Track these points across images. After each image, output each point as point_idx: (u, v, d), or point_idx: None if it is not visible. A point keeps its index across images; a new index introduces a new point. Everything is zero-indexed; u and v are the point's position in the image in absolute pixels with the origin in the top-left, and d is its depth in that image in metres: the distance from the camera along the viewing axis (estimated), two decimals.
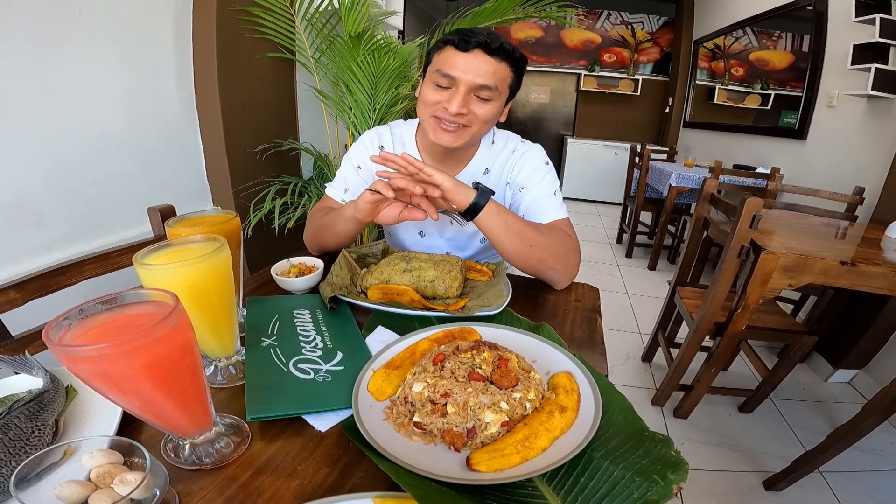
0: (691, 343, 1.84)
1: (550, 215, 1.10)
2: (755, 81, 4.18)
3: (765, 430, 2.04)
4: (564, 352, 0.74)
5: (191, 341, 0.47)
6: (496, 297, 0.92)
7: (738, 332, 1.66)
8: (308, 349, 0.76)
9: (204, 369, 0.52)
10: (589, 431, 0.57)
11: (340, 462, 0.57)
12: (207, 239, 0.63)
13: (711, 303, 1.67)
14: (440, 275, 0.96)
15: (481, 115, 0.98)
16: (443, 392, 0.59)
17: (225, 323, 0.65)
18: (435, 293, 0.96)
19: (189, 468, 0.55)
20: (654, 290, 3.54)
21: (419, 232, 1.27)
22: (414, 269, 0.97)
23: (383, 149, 1.18)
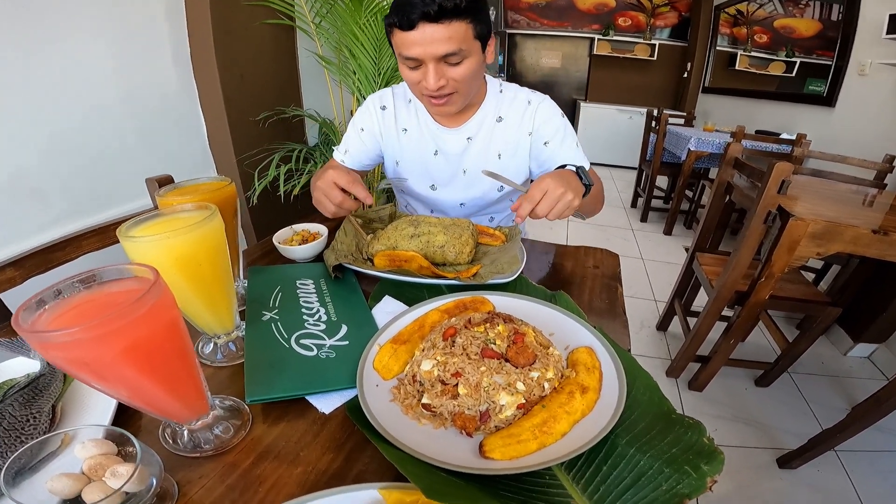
0: (710, 312, 1.78)
1: (578, 162, 1.10)
2: (780, 49, 4.05)
3: (781, 405, 1.99)
4: (584, 324, 0.69)
5: (176, 320, 0.43)
6: (510, 263, 0.87)
7: (760, 302, 1.59)
8: (311, 323, 0.72)
9: (194, 350, 0.48)
10: (613, 415, 0.52)
11: (345, 447, 0.54)
12: (198, 208, 0.59)
13: (733, 270, 1.60)
14: (450, 240, 0.91)
15: (461, 76, 0.94)
16: (454, 371, 0.55)
17: (221, 297, 0.60)
18: (445, 259, 0.91)
19: (188, 455, 0.52)
20: (670, 256, 3.46)
21: (430, 185, 1.24)
22: (422, 234, 0.92)
23: (385, 109, 1.18)
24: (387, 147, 1.22)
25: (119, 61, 1.56)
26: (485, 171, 1.01)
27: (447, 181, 1.22)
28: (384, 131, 1.20)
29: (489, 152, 1.16)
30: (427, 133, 1.17)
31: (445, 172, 1.20)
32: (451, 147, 1.16)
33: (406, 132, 1.18)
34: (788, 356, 1.90)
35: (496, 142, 1.15)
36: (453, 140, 1.15)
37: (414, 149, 1.19)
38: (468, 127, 1.14)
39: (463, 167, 1.19)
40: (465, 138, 1.15)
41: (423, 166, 1.21)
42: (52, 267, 0.89)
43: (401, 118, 1.18)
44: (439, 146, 1.17)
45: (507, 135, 1.14)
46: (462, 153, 1.16)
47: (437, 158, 1.19)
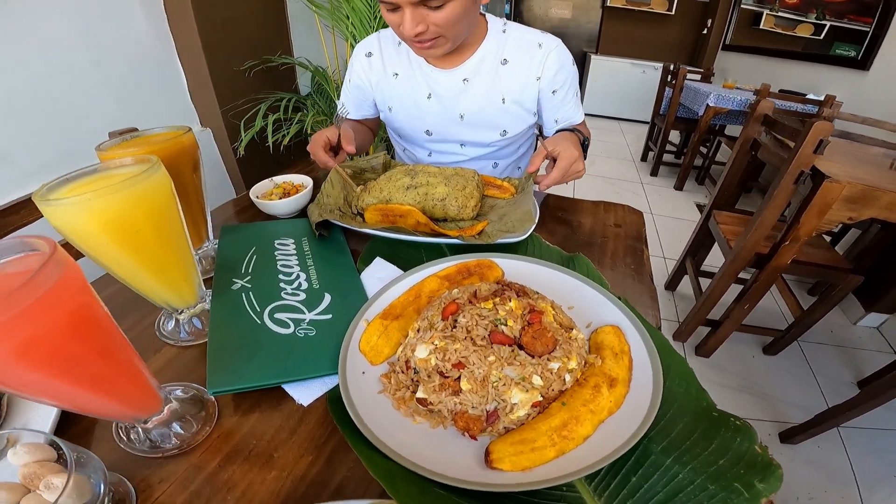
0: (726, 274, 1.69)
1: (577, 118, 1.12)
2: (809, 11, 3.91)
3: (787, 375, 1.93)
4: (609, 296, 0.58)
5: (87, 308, 0.32)
6: (522, 220, 0.76)
7: (781, 266, 1.50)
8: (289, 292, 0.62)
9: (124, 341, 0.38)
10: (646, 415, 0.44)
11: (327, 447, 0.46)
12: (138, 161, 0.47)
13: (756, 231, 1.50)
14: (452, 192, 0.80)
15: (444, 21, 0.83)
16: (455, 361, 0.45)
17: (173, 266, 0.50)
18: (446, 215, 0.80)
19: (146, 455, 0.44)
20: (681, 212, 3.37)
21: (426, 130, 1.15)
22: (420, 184, 0.81)
23: (371, 56, 1.11)
24: (378, 94, 1.16)
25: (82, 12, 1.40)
26: None
27: (443, 125, 1.13)
28: (372, 78, 1.13)
29: (491, 95, 1.06)
30: (420, 75, 1.08)
31: (440, 116, 1.11)
32: (445, 89, 1.07)
33: (397, 76, 1.10)
34: (801, 324, 1.82)
35: (500, 85, 1.05)
36: (448, 82, 1.06)
37: (406, 93, 1.11)
38: (465, 68, 1.04)
39: (460, 111, 1.09)
40: (460, 80, 1.05)
41: (416, 110, 1.12)
42: (8, 232, 0.80)
43: (390, 62, 1.10)
44: (433, 89, 1.08)
45: (513, 78, 1.04)
46: (458, 96, 1.07)
47: (431, 102, 1.10)
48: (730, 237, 1.75)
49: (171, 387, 0.50)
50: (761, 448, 0.42)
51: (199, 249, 0.69)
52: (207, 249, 0.71)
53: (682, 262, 2.23)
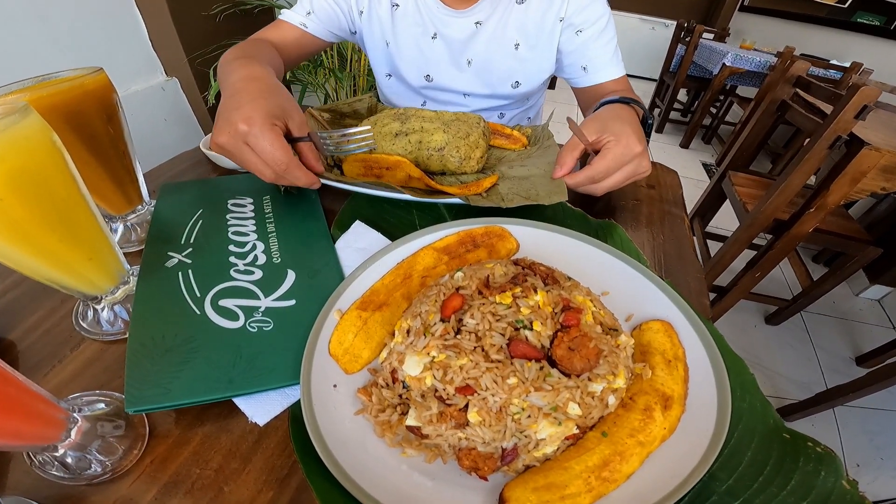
0: (740, 239, 1.59)
1: (614, 71, 0.94)
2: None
3: (788, 348, 1.89)
4: (654, 279, 0.45)
5: None
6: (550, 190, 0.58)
7: (802, 234, 1.41)
8: (241, 269, 0.48)
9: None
10: (710, 446, 0.33)
11: (292, 480, 0.34)
12: (7, 112, 0.33)
13: (779, 195, 1.40)
14: (453, 139, 0.65)
15: None
16: (461, 383, 0.32)
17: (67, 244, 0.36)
18: (445, 168, 0.66)
19: (65, 483, 0.34)
20: (687, 171, 3.33)
21: (425, 76, 1.00)
22: (413, 130, 0.66)
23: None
24: (367, 23, 0.96)
25: None
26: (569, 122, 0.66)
27: (447, 70, 0.98)
28: (362, 3, 0.93)
29: (504, 41, 0.93)
30: (425, 12, 0.93)
31: (444, 61, 0.97)
32: (454, 31, 0.93)
33: (396, 8, 0.93)
34: (809, 295, 1.76)
35: (512, 28, 0.92)
36: (458, 24, 0.92)
37: (407, 29, 0.95)
38: (479, 9, 0.91)
39: (467, 57, 0.95)
40: (472, 22, 0.92)
41: (417, 51, 0.97)
42: None
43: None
44: (439, 29, 0.94)
45: (528, 20, 0.91)
46: (467, 40, 0.94)
47: (436, 43, 0.95)
48: (746, 200, 1.65)
49: (89, 397, 0.38)
50: (850, 483, 0.32)
51: (131, 215, 0.55)
52: (142, 214, 0.56)
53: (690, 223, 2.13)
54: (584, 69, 0.94)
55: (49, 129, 0.33)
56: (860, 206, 2.28)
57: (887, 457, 1.52)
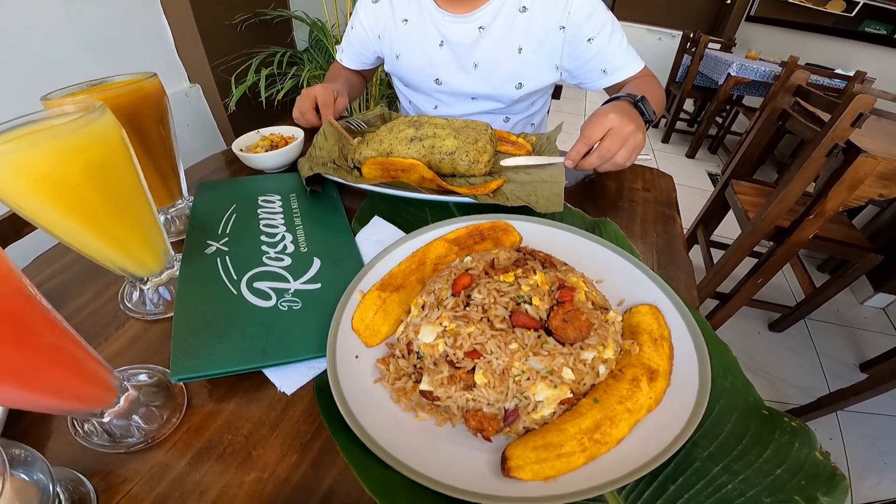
0: (742, 246, 1.62)
1: (633, 66, 1.00)
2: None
3: (792, 354, 1.89)
4: (644, 268, 0.50)
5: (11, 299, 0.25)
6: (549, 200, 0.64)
7: (802, 241, 1.44)
8: (272, 256, 0.54)
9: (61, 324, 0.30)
10: (692, 414, 0.37)
11: (314, 445, 0.39)
12: (82, 110, 0.38)
13: (779, 203, 1.43)
14: (463, 145, 0.70)
15: None
16: (469, 348, 0.37)
17: (127, 229, 0.41)
18: (455, 170, 0.71)
19: (106, 451, 0.38)
20: (692, 180, 3.33)
21: (435, 80, 1.08)
22: (426, 136, 0.72)
23: (377, 2, 1.05)
24: (384, 42, 1.09)
25: None
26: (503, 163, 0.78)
27: (454, 74, 1.06)
28: (378, 26, 1.07)
29: (507, 45, 0.99)
30: (430, 22, 1.01)
31: (452, 65, 1.05)
32: (459, 37, 1.00)
33: (406, 23, 1.04)
34: (811, 302, 1.77)
35: (517, 34, 0.98)
36: (462, 29, 1.00)
37: (415, 40, 1.04)
38: (481, 14, 0.97)
39: (473, 60, 1.02)
40: (476, 27, 0.99)
41: (426, 58, 1.06)
42: None
43: (399, 8, 1.04)
44: (445, 36, 1.02)
45: (531, 26, 0.97)
46: (472, 44, 1.00)
47: (443, 50, 1.03)
48: (748, 208, 1.68)
49: (134, 370, 0.43)
50: (822, 454, 0.36)
51: (171, 208, 0.61)
52: (181, 208, 0.62)
53: (693, 232, 2.16)
54: (603, 72, 1.00)
55: (120, 126, 0.38)
56: (865, 214, 2.29)
57: (890, 461, 1.52)
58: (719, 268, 1.73)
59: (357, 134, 0.88)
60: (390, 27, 1.05)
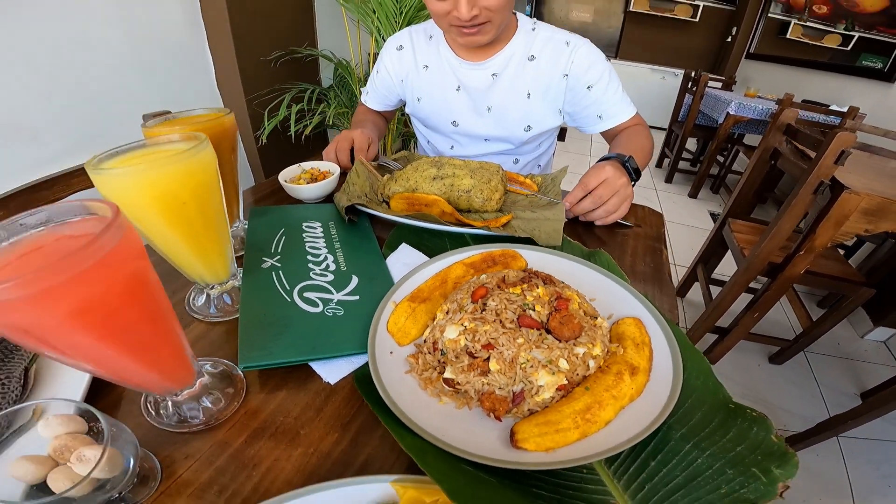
0: (738, 283, 1.69)
1: (626, 113, 1.10)
2: (839, 21, 3.89)
3: (791, 385, 1.94)
4: (630, 289, 0.60)
5: (142, 273, 0.34)
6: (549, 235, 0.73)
7: (794, 276, 1.50)
8: (317, 272, 0.63)
9: (170, 309, 0.39)
10: (666, 403, 0.45)
11: (352, 425, 0.47)
12: (186, 138, 0.49)
13: (771, 240, 1.50)
14: (478, 184, 0.81)
15: (496, 5, 0.88)
16: (485, 342, 0.46)
17: (212, 242, 0.51)
18: (471, 206, 0.81)
19: (173, 430, 0.45)
20: (694, 220, 3.37)
21: (452, 122, 1.18)
22: (446, 176, 0.83)
23: (402, 49, 1.16)
24: (407, 86, 1.20)
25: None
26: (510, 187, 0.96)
27: (470, 117, 1.16)
28: (401, 71, 1.18)
29: (517, 90, 1.09)
30: (448, 68, 1.12)
31: (468, 108, 1.15)
32: (474, 82, 1.11)
33: (427, 69, 1.14)
34: (809, 335, 1.83)
35: (526, 80, 1.08)
36: (477, 76, 1.10)
37: (435, 85, 1.15)
38: (494, 62, 1.08)
39: (487, 104, 1.12)
40: (489, 74, 1.09)
41: (444, 102, 1.16)
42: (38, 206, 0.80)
43: (420, 55, 1.14)
44: (462, 81, 1.12)
45: (538, 74, 1.07)
46: (487, 89, 1.10)
47: (459, 94, 1.13)
48: (744, 246, 1.75)
49: (203, 361, 0.51)
50: (777, 438, 0.43)
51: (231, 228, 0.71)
52: (237, 229, 0.73)
53: (693, 269, 2.23)
54: (599, 117, 1.10)
55: (215, 155, 0.48)
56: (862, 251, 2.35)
57: (894, 484, 1.55)
58: (717, 303, 1.79)
59: (385, 171, 0.99)
60: (412, 73, 1.15)
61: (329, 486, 0.37)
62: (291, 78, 2.09)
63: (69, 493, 0.32)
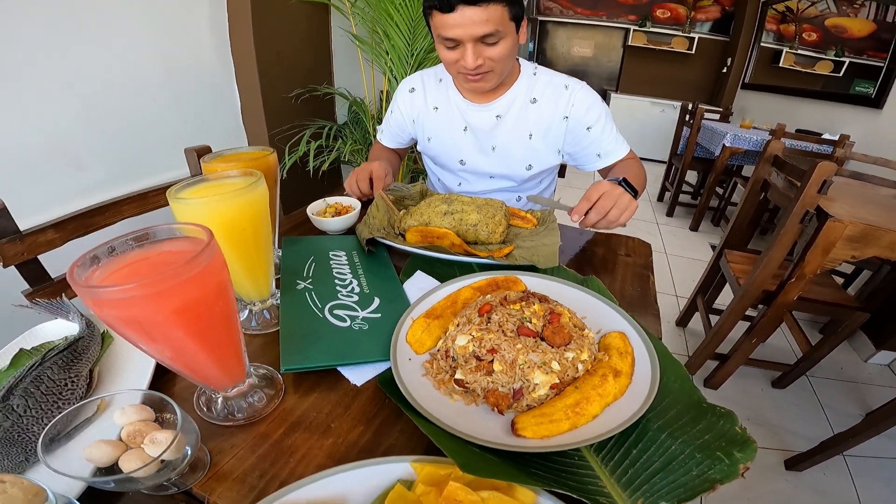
0: (735, 310, 1.75)
1: (622, 150, 1.20)
2: (829, 48, 3.95)
3: (795, 408, 1.96)
4: (617, 309, 0.68)
5: (225, 283, 0.43)
6: (547, 258, 0.84)
7: (787, 303, 1.56)
8: (344, 294, 0.73)
9: (238, 314, 0.48)
10: (645, 399, 0.52)
11: (376, 420, 0.55)
12: (244, 174, 0.59)
13: (764, 269, 1.57)
14: (483, 219, 0.91)
15: (498, 56, 0.98)
16: (489, 347, 0.55)
17: (260, 263, 0.61)
18: (477, 238, 0.91)
19: (221, 424, 0.53)
20: (695, 252, 3.41)
21: (460, 160, 1.27)
22: (455, 211, 0.93)
23: (413, 91, 1.26)
24: (418, 126, 1.29)
25: (159, 32, 1.59)
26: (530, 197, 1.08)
27: (476, 156, 1.25)
28: (413, 111, 1.27)
29: (520, 131, 1.18)
30: (456, 110, 1.21)
31: (474, 147, 1.23)
32: (479, 123, 1.19)
33: (437, 110, 1.23)
34: (809, 359, 1.86)
35: (528, 122, 1.17)
36: (482, 117, 1.18)
37: (444, 125, 1.24)
38: (498, 105, 1.17)
39: (492, 144, 1.21)
40: (494, 116, 1.18)
41: (452, 142, 1.25)
42: (91, 231, 0.91)
43: (431, 97, 1.24)
44: (468, 122, 1.20)
45: (540, 116, 1.16)
46: (491, 130, 1.19)
47: (466, 134, 1.22)
48: (739, 275, 1.82)
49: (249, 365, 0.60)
50: (741, 429, 0.50)
51: None
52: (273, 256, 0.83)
53: (693, 300, 2.29)
54: (598, 156, 1.19)
55: (267, 190, 0.58)
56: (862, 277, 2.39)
57: None
58: (716, 330, 1.85)
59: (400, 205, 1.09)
60: (423, 113, 1.25)
61: (359, 465, 0.45)
62: (309, 114, 2.23)
63: (138, 473, 0.38)
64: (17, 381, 0.50)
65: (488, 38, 0.94)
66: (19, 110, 1.27)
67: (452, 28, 0.93)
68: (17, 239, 0.78)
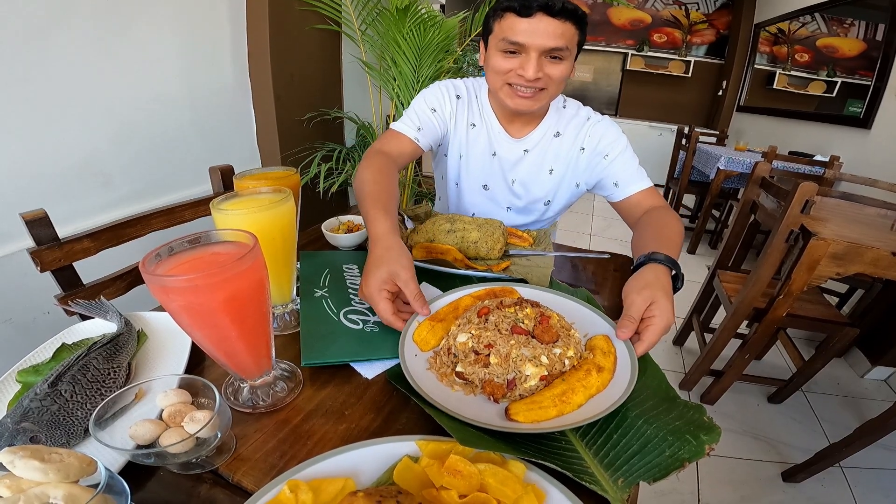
0: (727, 328, 1.82)
1: (640, 184, 1.12)
2: (821, 68, 4.01)
3: (792, 422, 2.01)
4: (602, 316, 0.76)
5: (264, 280, 0.51)
6: (539, 279, 0.91)
7: (777, 319, 1.62)
8: (357, 301, 0.80)
9: (270, 311, 0.56)
10: (625, 391, 0.59)
11: (385, 409, 0.62)
12: (274, 190, 0.68)
13: (753, 287, 1.64)
14: (483, 236, 0.99)
15: (556, 76, 0.98)
16: (486, 343, 0.62)
17: (286, 271, 0.69)
18: (478, 254, 0.99)
19: (246, 411, 0.59)
20: (693, 275, 3.41)
21: (483, 185, 1.24)
22: (458, 229, 1.00)
23: (459, 99, 1.17)
24: (454, 137, 1.20)
25: (185, 58, 1.70)
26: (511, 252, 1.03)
27: (499, 185, 1.23)
28: (456, 118, 1.17)
29: (541, 166, 1.19)
30: (490, 133, 1.18)
31: (497, 176, 1.22)
32: (507, 154, 1.18)
33: (473, 127, 1.19)
34: (803, 374, 1.92)
35: (549, 157, 1.18)
36: (511, 148, 1.18)
37: (477, 145, 1.19)
38: (529, 139, 1.16)
39: (512, 177, 1.21)
40: (522, 150, 1.17)
41: (480, 165, 1.21)
42: (122, 241, 0.98)
43: (471, 112, 1.18)
44: (497, 150, 1.18)
45: (560, 150, 1.17)
46: (515, 163, 1.19)
47: (494, 160, 1.20)
48: (731, 294, 1.89)
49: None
50: (708, 419, 0.57)
51: None
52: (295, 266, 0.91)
53: (689, 319, 2.36)
54: (615, 185, 1.13)
55: (294, 205, 0.67)
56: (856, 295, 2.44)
57: None
58: (710, 347, 1.92)
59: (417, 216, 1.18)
60: (462, 125, 1.18)
61: (371, 442, 0.52)
62: (319, 137, 2.33)
63: (176, 448, 0.43)
64: (65, 368, 0.56)
65: (556, 51, 0.93)
66: (58, 132, 1.38)
67: (524, 34, 0.92)
68: (56, 246, 0.85)
